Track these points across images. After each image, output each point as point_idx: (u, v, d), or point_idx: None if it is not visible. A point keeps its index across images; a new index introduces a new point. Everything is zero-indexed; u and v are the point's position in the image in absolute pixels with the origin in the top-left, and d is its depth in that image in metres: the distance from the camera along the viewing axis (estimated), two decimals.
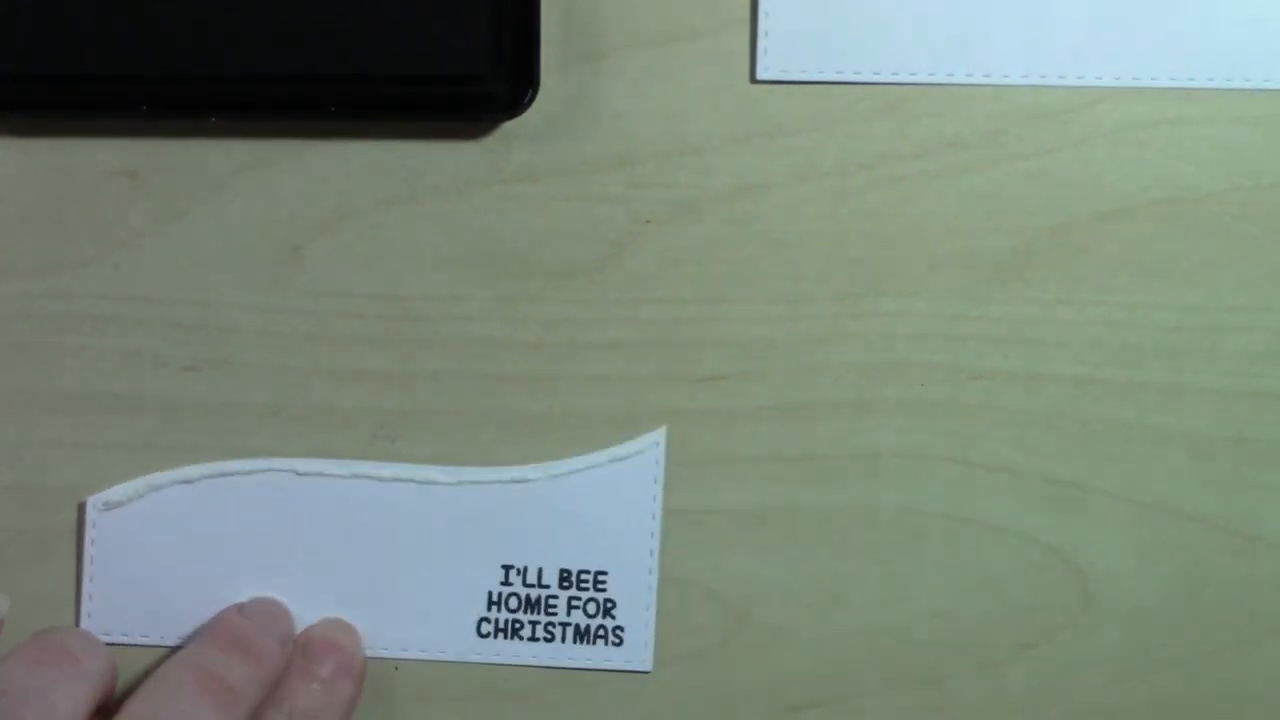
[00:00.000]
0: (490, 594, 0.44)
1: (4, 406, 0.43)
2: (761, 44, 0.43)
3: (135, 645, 0.44)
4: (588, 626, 0.44)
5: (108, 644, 0.43)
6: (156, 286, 0.43)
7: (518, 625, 0.44)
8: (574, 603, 0.44)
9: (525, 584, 0.44)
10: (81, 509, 0.43)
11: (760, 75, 0.43)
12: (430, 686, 0.44)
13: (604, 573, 0.44)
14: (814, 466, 0.44)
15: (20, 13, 0.41)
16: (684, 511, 0.44)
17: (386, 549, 0.44)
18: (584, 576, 0.44)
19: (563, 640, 0.44)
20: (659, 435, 0.43)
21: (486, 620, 0.44)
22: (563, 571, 0.44)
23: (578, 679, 0.44)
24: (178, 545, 0.43)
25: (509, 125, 0.43)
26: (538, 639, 0.44)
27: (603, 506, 0.43)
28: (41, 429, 0.43)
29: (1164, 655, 0.44)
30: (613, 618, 0.44)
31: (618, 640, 0.44)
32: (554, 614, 0.44)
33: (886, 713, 0.44)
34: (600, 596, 0.44)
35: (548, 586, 0.44)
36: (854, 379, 0.44)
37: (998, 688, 0.44)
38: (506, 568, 0.44)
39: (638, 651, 0.44)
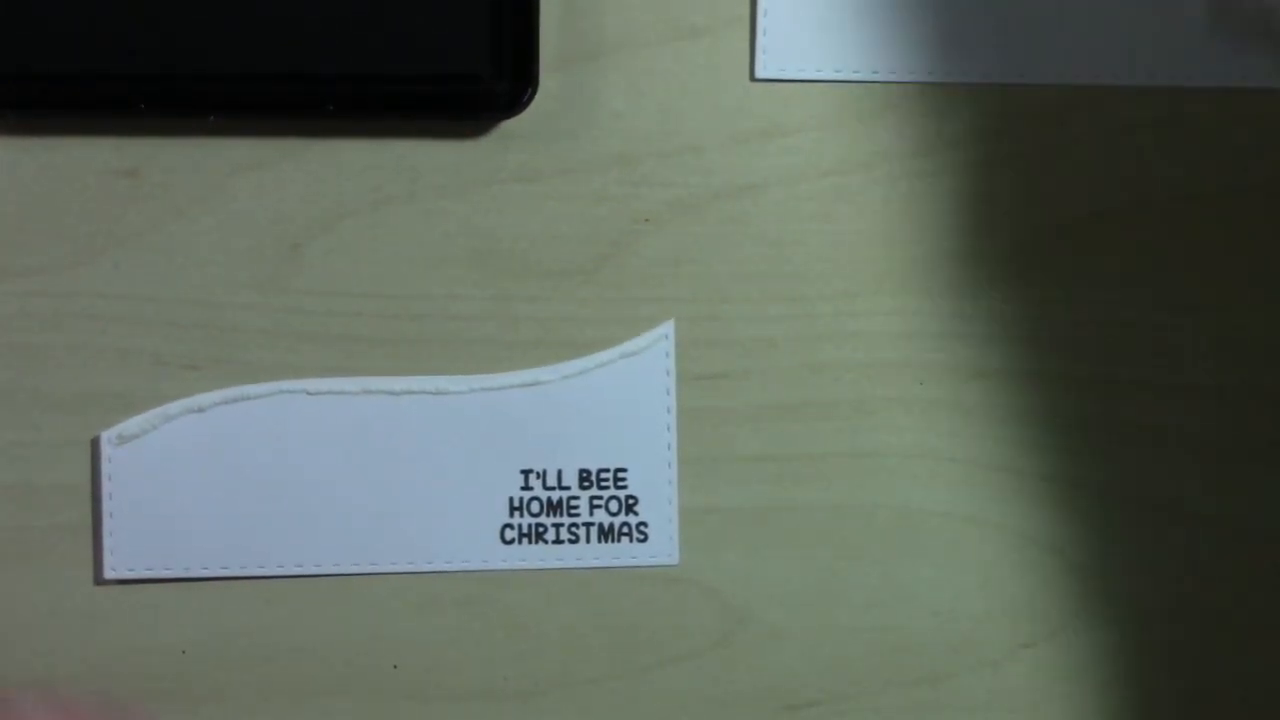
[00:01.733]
0: (511, 500, 0.43)
1: (4, 406, 0.43)
2: (761, 43, 0.43)
3: (160, 580, 0.43)
4: (611, 525, 0.43)
5: (132, 581, 0.43)
6: (156, 286, 0.43)
7: (541, 529, 0.43)
8: (595, 502, 0.43)
9: (545, 487, 0.43)
10: (95, 445, 0.43)
11: (759, 74, 0.43)
12: (428, 685, 0.44)
13: (624, 470, 0.43)
14: (814, 466, 0.44)
15: (19, 12, 0.41)
16: (685, 511, 0.44)
17: (404, 463, 0.43)
18: (604, 475, 0.43)
19: (587, 541, 0.43)
20: (667, 328, 0.43)
21: (510, 527, 0.43)
22: (582, 472, 0.43)
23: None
24: (195, 474, 0.43)
25: (508, 124, 0.43)
26: (562, 541, 0.43)
27: (618, 403, 0.43)
28: (41, 429, 0.43)
29: (1163, 655, 0.44)
30: (635, 514, 0.43)
31: (642, 536, 0.44)
32: (576, 515, 0.43)
33: (886, 712, 0.44)
34: (622, 494, 0.43)
35: (568, 488, 0.43)
36: (854, 378, 0.44)
37: (997, 687, 0.44)
38: (525, 472, 0.43)
39: (663, 546, 0.44)
